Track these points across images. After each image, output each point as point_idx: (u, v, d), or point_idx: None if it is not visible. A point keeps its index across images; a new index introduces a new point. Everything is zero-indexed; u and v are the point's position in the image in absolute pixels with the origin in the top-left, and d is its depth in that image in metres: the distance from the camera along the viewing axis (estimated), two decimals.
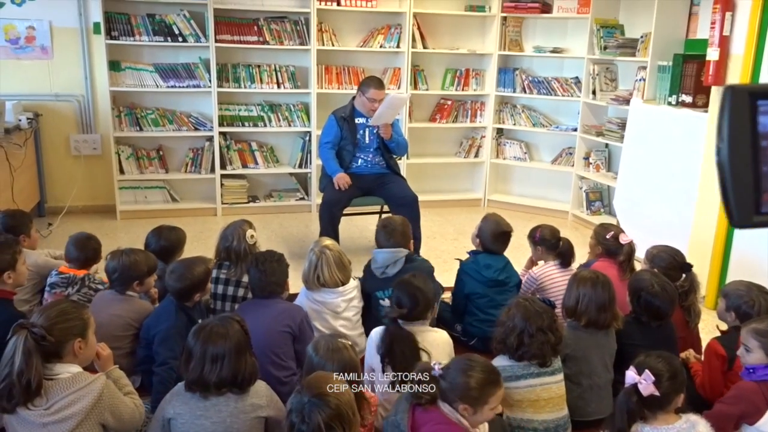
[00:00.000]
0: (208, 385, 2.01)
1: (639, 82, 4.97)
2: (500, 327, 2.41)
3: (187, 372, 2.04)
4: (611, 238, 3.37)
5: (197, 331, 2.07)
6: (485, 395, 1.97)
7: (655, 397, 1.99)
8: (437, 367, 1.99)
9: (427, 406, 1.97)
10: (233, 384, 2.03)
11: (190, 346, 2.05)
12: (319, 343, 2.09)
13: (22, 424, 1.89)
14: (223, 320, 2.10)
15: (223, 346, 2.01)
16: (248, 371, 2.05)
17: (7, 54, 5.13)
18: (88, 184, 5.48)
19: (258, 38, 5.41)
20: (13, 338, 1.91)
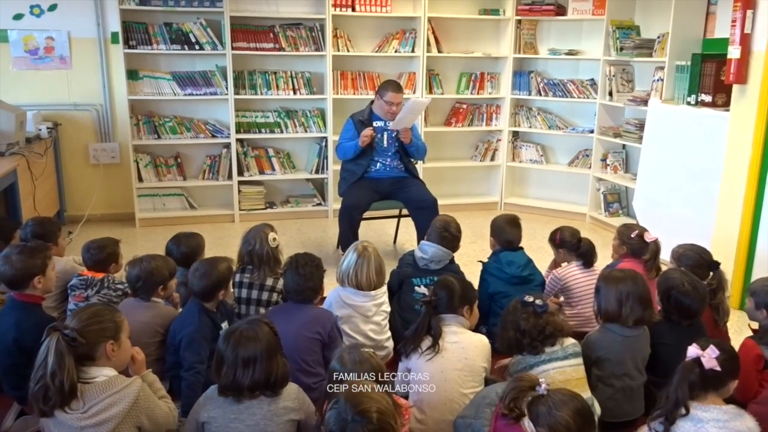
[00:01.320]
0: (242, 388, 2.00)
1: (657, 83, 4.95)
2: (502, 340, 2.47)
3: (219, 377, 2.03)
4: (636, 237, 3.35)
5: (227, 335, 2.06)
6: None
7: (714, 373, 1.98)
8: (544, 386, 1.89)
9: (512, 420, 1.91)
10: (266, 387, 2.02)
11: (221, 351, 2.03)
12: (344, 357, 2.05)
13: (59, 428, 1.89)
14: (252, 323, 2.09)
15: (255, 349, 2.01)
16: (280, 373, 2.04)
17: (26, 64, 5.18)
18: (106, 193, 5.52)
19: (274, 45, 5.43)
20: (46, 340, 1.92)
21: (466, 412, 2.04)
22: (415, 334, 2.51)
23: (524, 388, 1.93)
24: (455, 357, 2.44)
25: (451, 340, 2.47)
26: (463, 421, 2.01)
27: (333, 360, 2.07)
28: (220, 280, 2.71)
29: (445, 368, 2.41)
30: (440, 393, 2.38)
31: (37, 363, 1.90)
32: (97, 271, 3.09)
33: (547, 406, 1.85)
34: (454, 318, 2.57)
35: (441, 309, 2.58)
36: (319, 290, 2.77)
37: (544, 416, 1.84)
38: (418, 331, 2.50)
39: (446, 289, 2.61)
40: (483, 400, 2.01)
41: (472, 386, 2.42)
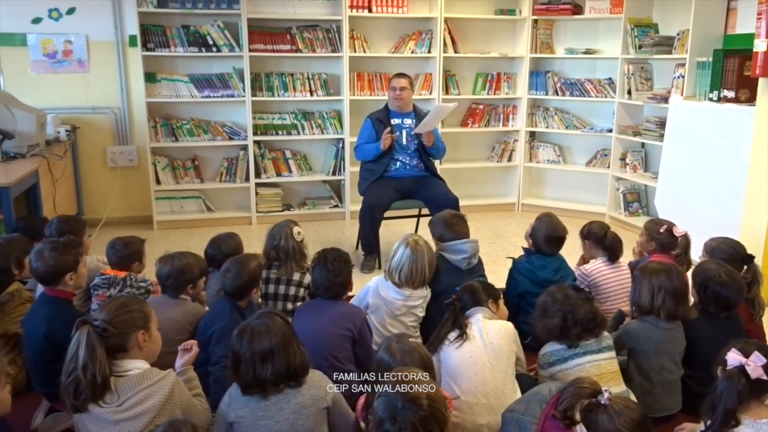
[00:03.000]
0: (265, 383, 1.96)
1: (677, 80, 4.91)
2: (544, 326, 2.42)
3: (238, 377, 1.98)
4: (665, 231, 3.31)
5: (240, 334, 2.00)
6: None
7: (760, 381, 1.91)
8: (606, 395, 1.81)
9: (564, 423, 1.85)
10: (288, 377, 1.98)
11: (236, 350, 1.98)
12: (392, 346, 2.02)
13: (94, 422, 1.86)
14: (262, 317, 2.03)
15: (270, 341, 1.96)
16: (299, 361, 2.00)
17: (45, 68, 5.20)
18: (124, 196, 5.52)
19: (291, 47, 5.43)
20: (77, 334, 1.89)
21: (516, 406, 2.00)
22: (440, 330, 2.49)
23: (584, 393, 1.85)
24: (482, 342, 2.42)
25: (476, 328, 2.46)
26: (511, 415, 1.97)
27: (380, 350, 2.04)
28: (251, 279, 2.70)
29: (474, 353, 2.39)
30: (471, 377, 2.35)
31: (68, 357, 1.88)
32: (120, 269, 3.07)
33: (607, 415, 1.77)
34: (478, 309, 2.57)
35: (467, 308, 2.58)
36: (348, 286, 2.73)
37: (604, 426, 1.77)
38: (443, 328, 2.49)
39: (469, 291, 2.63)
40: (534, 396, 1.97)
41: (503, 370, 2.40)
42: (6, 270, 2.83)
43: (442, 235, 3.25)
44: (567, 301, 2.39)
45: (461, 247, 3.16)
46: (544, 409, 1.92)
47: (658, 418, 2.51)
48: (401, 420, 1.54)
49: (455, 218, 3.30)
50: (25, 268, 2.90)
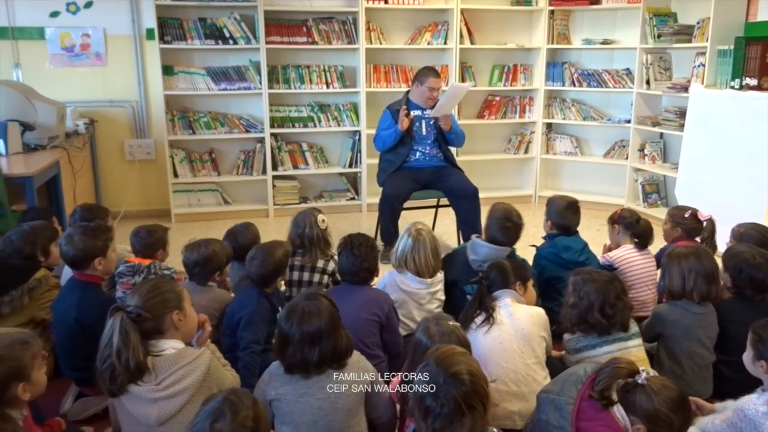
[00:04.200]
0: (310, 365, 1.96)
1: (698, 69, 4.87)
2: (573, 309, 2.36)
3: (284, 357, 1.98)
4: (690, 216, 3.29)
5: (289, 314, 2.00)
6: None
7: None
8: (644, 375, 1.80)
9: (601, 403, 1.82)
10: (333, 360, 1.98)
11: (284, 330, 1.98)
12: (430, 328, 2.01)
13: (132, 401, 1.86)
14: (311, 298, 2.03)
15: (319, 324, 1.96)
16: (345, 345, 2.01)
17: (63, 62, 5.21)
18: (142, 189, 5.53)
19: (307, 39, 5.42)
20: (110, 321, 1.88)
21: (551, 387, 1.97)
22: (467, 311, 2.46)
23: (621, 374, 1.83)
24: (511, 328, 2.39)
25: (505, 313, 2.43)
26: (546, 396, 1.94)
27: (418, 332, 2.03)
28: (277, 266, 2.69)
29: (503, 339, 2.36)
30: (502, 363, 2.33)
31: (102, 343, 1.88)
32: (144, 256, 3.07)
33: (646, 395, 1.77)
34: (507, 292, 2.53)
35: (494, 288, 2.54)
36: (374, 271, 2.72)
37: (643, 406, 1.76)
38: (470, 309, 2.46)
39: (496, 268, 2.58)
40: (570, 377, 1.94)
41: (533, 356, 2.37)
42: (32, 257, 2.83)
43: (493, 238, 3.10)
44: (608, 289, 2.31)
45: (479, 250, 3.06)
46: (580, 389, 1.89)
47: None
48: (443, 396, 1.53)
49: (509, 222, 3.08)
50: (51, 255, 2.91)
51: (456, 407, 1.51)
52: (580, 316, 2.36)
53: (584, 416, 1.83)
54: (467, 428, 1.52)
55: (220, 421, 1.44)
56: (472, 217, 4.39)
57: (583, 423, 1.83)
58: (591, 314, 2.29)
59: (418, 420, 1.57)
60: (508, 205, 3.18)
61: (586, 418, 1.83)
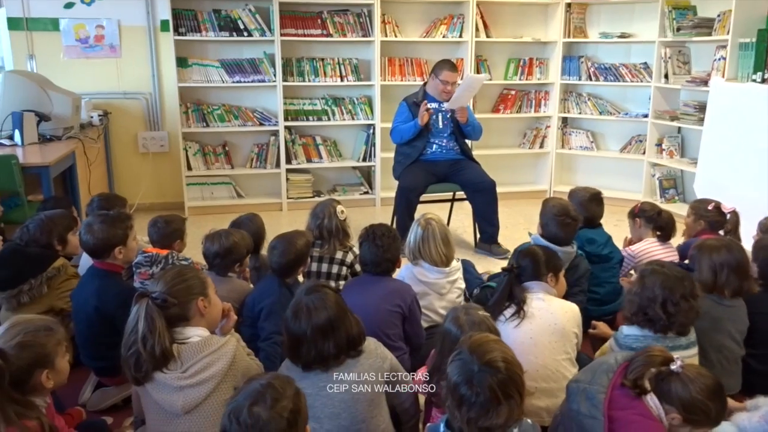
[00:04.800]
0: (328, 358, 1.91)
1: (718, 62, 4.80)
2: (634, 297, 2.23)
3: (299, 358, 1.93)
4: (713, 209, 3.23)
5: (295, 313, 1.94)
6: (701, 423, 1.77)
7: None
8: (679, 363, 1.76)
9: (633, 392, 1.78)
10: (349, 347, 1.95)
11: (294, 331, 1.92)
12: (459, 318, 1.96)
13: (157, 389, 1.82)
14: (312, 291, 1.98)
15: (327, 315, 1.91)
16: (356, 330, 1.96)
17: (77, 53, 5.19)
18: (155, 181, 5.51)
19: (321, 31, 5.39)
20: (135, 307, 1.85)
21: (581, 377, 1.91)
22: (496, 302, 2.38)
23: (655, 362, 1.78)
24: (544, 322, 2.31)
25: (537, 306, 2.35)
26: (576, 385, 1.88)
27: (447, 321, 1.98)
28: (298, 257, 2.66)
29: (534, 334, 2.30)
30: (531, 359, 2.26)
31: (128, 330, 1.85)
32: (162, 247, 3.03)
33: (681, 383, 1.73)
34: (538, 285, 2.44)
35: (525, 278, 2.44)
36: (396, 262, 2.68)
37: (679, 394, 1.72)
38: (499, 299, 2.37)
39: (529, 256, 2.48)
40: (600, 366, 1.88)
41: (565, 352, 2.31)
42: (48, 246, 2.81)
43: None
44: (683, 285, 2.18)
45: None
46: (611, 378, 1.83)
47: None
48: (478, 384, 1.48)
49: (568, 218, 2.93)
50: (69, 244, 2.89)
51: (492, 395, 1.47)
52: (640, 307, 2.22)
53: (616, 405, 1.78)
54: (503, 417, 1.48)
55: (260, 405, 1.40)
56: (489, 210, 4.35)
57: (614, 412, 1.77)
58: (652, 307, 2.17)
59: (452, 410, 1.53)
60: (562, 199, 3.08)
61: (617, 407, 1.78)
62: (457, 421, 1.52)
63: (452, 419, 1.55)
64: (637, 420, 1.74)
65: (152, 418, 1.88)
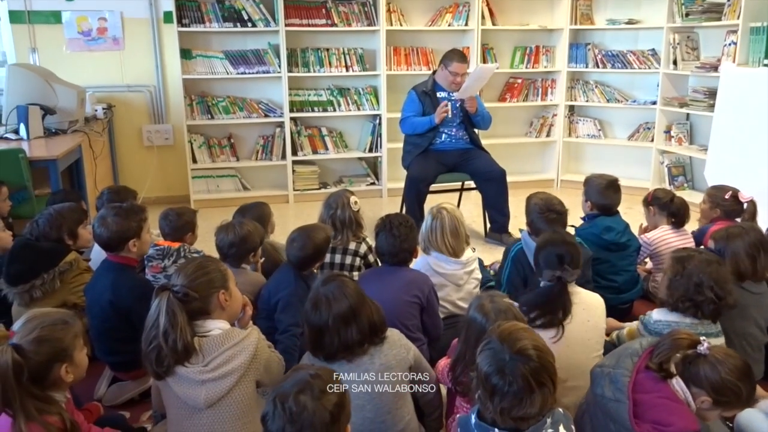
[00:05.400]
0: (352, 346, 1.89)
1: (729, 47, 4.75)
2: (677, 283, 2.18)
3: (322, 349, 1.91)
4: (730, 198, 3.20)
5: (314, 305, 1.93)
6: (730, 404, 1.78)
7: None
8: (706, 345, 1.76)
9: (659, 375, 1.77)
10: (372, 333, 1.93)
11: (315, 322, 1.91)
12: (484, 306, 1.92)
13: (179, 383, 1.79)
14: (329, 281, 1.97)
15: (348, 302, 1.90)
16: (377, 316, 1.95)
17: (80, 46, 5.14)
18: (161, 175, 5.47)
19: (326, 21, 5.33)
20: (156, 301, 1.82)
21: (606, 361, 1.88)
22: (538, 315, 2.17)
23: (681, 345, 1.77)
24: (579, 320, 2.22)
25: (578, 308, 2.23)
26: (601, 370, 1.86)
27: (471, 309, 1.95)
28: (317, 251, 2.63)
29: (570, 335, 2.18)
30: (563, 358, 2.06)
31: (148, 324, 1.81)
32: (173, 240, 3.01)
33: (710, 365, 1.73)
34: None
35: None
36: (414, 252, 2.65)
37: (708, 377, 1.72)
38: (545, 313, 2.17)
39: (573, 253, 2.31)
40: (625, 350, 1.86)
41: (597, 350, 2.24)
42: (59, 240, 2.77)
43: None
44: (719, 270, 2.17)
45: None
46: (636, 362, 1.81)
47: None
48: (510, 372, 1.45)
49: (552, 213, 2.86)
50: (80, 237, 2.85)
51: (525, 384, 1.44)
52: (687, 292, 2.18)
53: (641, 388, 1.76)
54: (538, 406, 1.45)
55: (306, 394, 1.38)
56: (500, 199, 4.32)
57: (639, 395, 1.75)
58: (701, 292, 2.14)
59: (484, 401, 1.49)
60: (545, 193, 2.99)
61: (642, 390, 1.76)
62: (490, 412, 1.49)
63: (484, 410, 1.52)
64: (662, 402, 1.73)
65: (174, 412, 1.85)
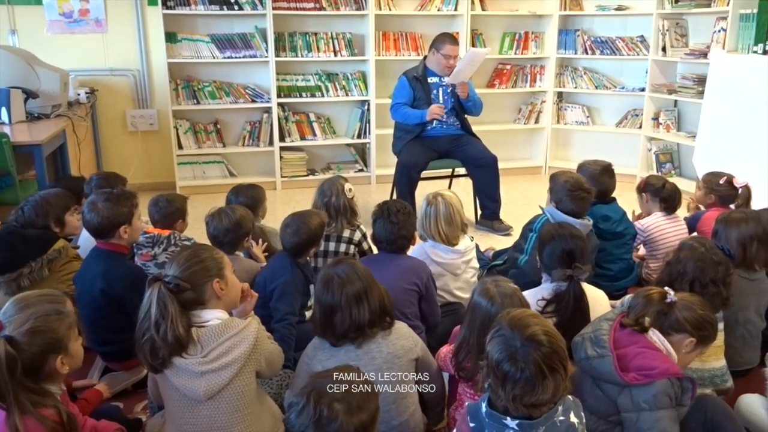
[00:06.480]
0: (363, 326, 1.90)
1: (718, 34, 4.76)
2: (667, 267, 2.22)
3: (333, 329, 1.91)
4: (725, 183, 3.21)
5: (326, 284, 1.93)
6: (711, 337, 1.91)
7: None
8: (672, 293, 1.87)
9: (634, 330, 1.84)
10: (382, 315, 1.94)
11: (327, 301, 1.91)
12: (489, 290, 1.90)
13: (177, 375, 1.74)
14: (340, 263, 1.99)
15: (361, 283, 1.93)
16: (387, 299, 1.98)
17: (61, 28, 5.00)
18: (145, 161, 5.37)
19: (314, 5, 5.24)
20: (148, 292, 1.76)
21: (583, 330, 1.92)
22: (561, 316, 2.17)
23: (654, 300, 1.90)
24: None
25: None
26: (580, 337, 1.89)
27: (475, 294, 1.92)
28: (312, 237, 2.58)
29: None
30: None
31: (141, 316, 1.75)
32: (163, 227, 2.95)
33: (685, 308, 1.87)
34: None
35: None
36: (412, 239, 2.62)
37: (687, 318, 1.86)
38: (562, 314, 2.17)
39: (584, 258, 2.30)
40: (600, 318, 1.94)
41: None
42: (46, 227, 2.70)
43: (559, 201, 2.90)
44: (710, 267, 2.18)
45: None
46: (612, 325, 1.88)
47: (737, 372, 2.41)
48: (522, 359, 1.43)
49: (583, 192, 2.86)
50: (67, 225, 2.78)
51: (537, 370, 1.42)
52: (670, 277, 2.21)
53: (620, 344, 1.84)
54: (550, 392, 1.43)
55: (342, 404, 1.41)
56: (492, 186, 4.30)
57: (620, 351, 1.82)
58: (679, 282, 2.17)
59: (495, 388, 1.47)
60: (573, 173, 2.99)
61: (622, 346, 1.84)
62: (501, 400, 1.47)
63: (495, 398, 1.49)
64: (642, 351, 1.81)
65: (173, 405, 1.80)
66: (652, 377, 1.73)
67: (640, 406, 1.74)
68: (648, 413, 1.72)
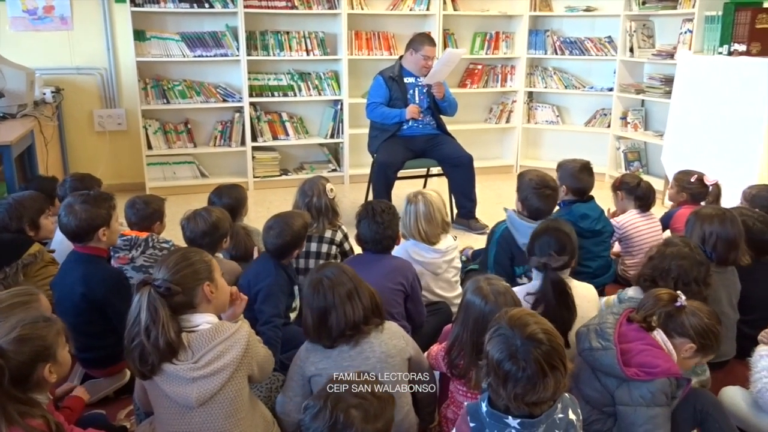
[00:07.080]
0: (358, 324, 1.89)
1: (684, 35, 4.88)
2: (650, 262, 2.28)
3: (328, 330, 1.89)
4: (696, 181, 3.30)
5: (315, 288, 1.92)
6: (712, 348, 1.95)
7: None
8: (683, 298, 1.92)
9: (641, 326, 1.87)
10: (374, 313, 1.95)
11: (319, 304, 1.90)
12: (482, 288, 1.91)
13: (167, 381, 1.70)
14: (327, 268, 1.98)
15: (350, 283, 1.93)
16: (376, 296, 1.99)
17: (25, 25, 4.86)
18: (113, 162, 5.26)
19: (286, 3, 5.20)
20: (137, 297, 1.72)
21: (590, 321, 1.96)
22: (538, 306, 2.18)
23: (663, 300, 1.93)
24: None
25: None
26: (585, 328, 1.92)
27: (468, 293, 1.93)
28: (295, 238, 2.56)
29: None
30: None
31: (130, 321, 1.71)
32: (141, 229, 2.88)
33: (692, 314, 1.90)
34: (567, 272, 2.35)
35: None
36: (397, 239, 2.62)
37: (692, 324, 1.89)
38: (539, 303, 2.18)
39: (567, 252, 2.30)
40: (606, 310, 1.98)
41: None
42: (20, 231, 2.62)
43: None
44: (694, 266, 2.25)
45: (526, 231, 2.75)
46: (618, 319, 1.92)
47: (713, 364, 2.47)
48: (523, 358, 1.44)
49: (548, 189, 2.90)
50: (42, 228, 2.71)
51: (538, 368, 1.43)
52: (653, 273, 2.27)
53: (625, 339, 1.87)
54: (551, 390, 1.44)
55: (360, 411, 1.41)
56: (467, 185, 4.33)
57: (624, 345, 1.85)
58: (663, 278, 2.23)
59: (496, 388, 1.48)
60: (538, 171, 3.01)
61: (627, 341, 1.87)
62: (502, 399, 1.47)
63: (496, 398, 1.50)
64: (646, 348, 1.84)
65: (163, 412, 1.76)
66: (653, 375, 1.77)
67: (637, 400, 1.78)
68: (644, 409, 1.76)
